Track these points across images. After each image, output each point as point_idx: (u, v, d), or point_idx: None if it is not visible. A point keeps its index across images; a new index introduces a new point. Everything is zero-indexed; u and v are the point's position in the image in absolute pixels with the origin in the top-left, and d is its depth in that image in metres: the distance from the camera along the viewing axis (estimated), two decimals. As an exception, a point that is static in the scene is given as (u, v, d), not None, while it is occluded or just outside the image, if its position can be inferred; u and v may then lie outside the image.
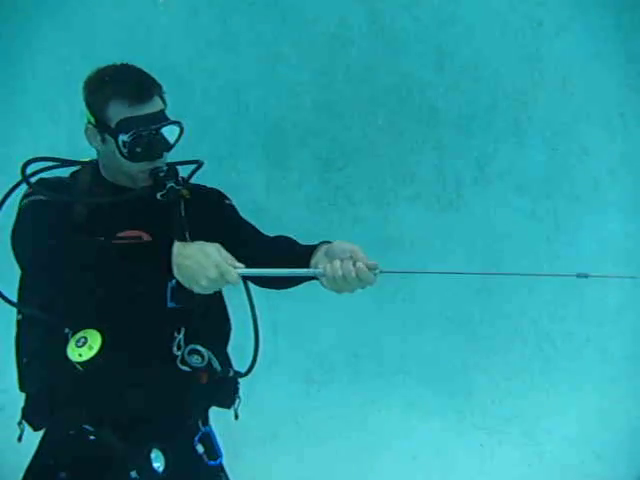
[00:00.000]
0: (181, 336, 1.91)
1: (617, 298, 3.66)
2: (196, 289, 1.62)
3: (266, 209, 3.71)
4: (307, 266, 1.72)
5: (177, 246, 1.65)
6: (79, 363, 1.77)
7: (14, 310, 1.96)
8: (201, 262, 1.59)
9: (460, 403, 3.70)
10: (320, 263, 1.69)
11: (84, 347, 1.78)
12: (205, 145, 3.56)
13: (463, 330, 3.76)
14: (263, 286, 1.95)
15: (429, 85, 3.80)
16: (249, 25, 3.79)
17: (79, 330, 1.81)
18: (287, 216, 3.71)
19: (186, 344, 1.91)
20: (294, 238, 1.96)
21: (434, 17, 3.76)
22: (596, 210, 3.75)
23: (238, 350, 2.12)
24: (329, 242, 1.76)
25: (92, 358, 1.77)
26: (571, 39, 3.70)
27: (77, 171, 2.01)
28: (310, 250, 1.79)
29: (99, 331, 1.80)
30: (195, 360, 1.90)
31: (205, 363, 1.91)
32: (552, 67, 3.75)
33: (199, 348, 1.91)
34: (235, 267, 1.61)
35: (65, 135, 3.55)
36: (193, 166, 2.07)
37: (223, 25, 3.79)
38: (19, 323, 1.96)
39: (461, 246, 3.77)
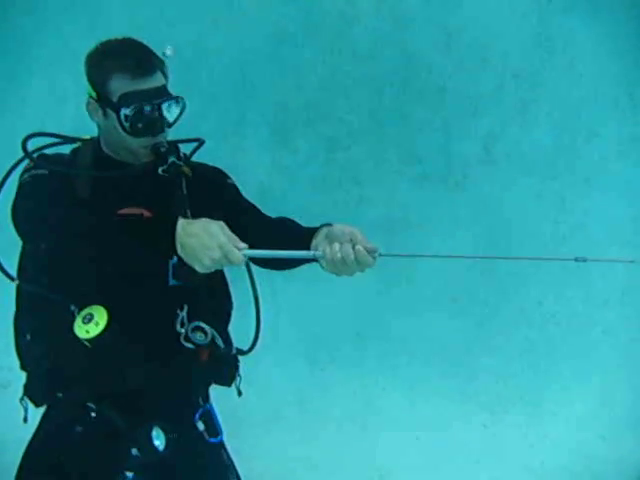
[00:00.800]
0: (184, 313, 1.90)
1: (623, 280, 3.66)
2: (198, 268, 1.61)
3: (271, 189, 3.71)
4: (307, 248, 1.72)
5: (181, 224, 1.62)
6: (87, 340, 1.78)
7: (11, 289, 1.96)
8: (205, 242, 1.57)
9: (464, 384, 3.71)
10: (320, 245, 1.69)
11: (90, 324, 1.78)
12: (210, 124, 3.55)
13: (467, 311, 3.76)
14: (264, 267, 1.95)
15: (436, 65, 3.78)
16: (255, 4, 3.76)
17: (85, 307, 1.81)
18: (292, 196, 3.70)
19: (189, 321, 1.91)
20: (295, 220, 1.96)
21: (441, -4, 3.73)
22: (604, 192, 3.73)
23: (240, 329, 2.13)
24: (330, 225, 1.75)
25: (99, 334, 1.77)
26: (580, 19, 3.67)
27: (77, 148, 2.00)
28: (311, 232, 1.78)
29: (105, 307, 1.81)
30: (199, 337, 1.90)
31: (209, 340, 1.92)
32: (560, 47, 3.72)
33: (203, 325, 1.91)
34: (239, 248, 1.59)
35: (71, 114, 3.53)
36: (194, 145, 2.06)
37: (229, 4, 3.77)
38: (18, 300, 1.96)
39: (467, 227, 3.76)
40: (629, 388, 3.55)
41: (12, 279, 1.93)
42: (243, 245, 1.60)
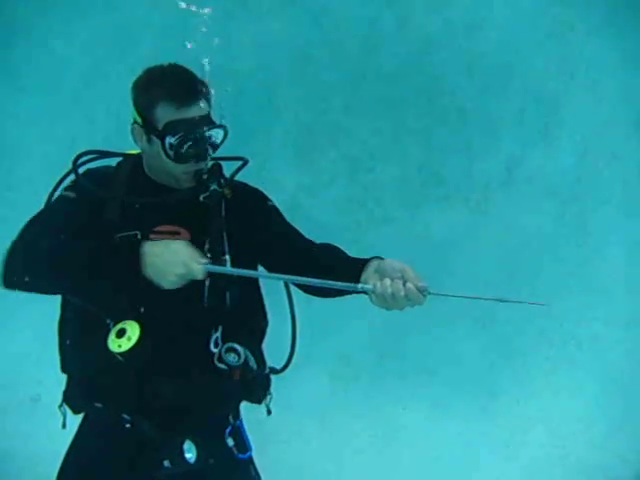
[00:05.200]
0: (218, 334, 1.94)
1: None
2: (164, 284, 1.72)
3: (296, 208, 3.74)
4: (355, 279, 1.74)
5: (146, 245, 1.73)
6: (119, 354, 1.83)
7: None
8: (169, 259, 1.70)
9: (485, 403, 3.71)
10: (370, 279, 1.72)
11: (123, 338, 1.83)
12: (236, 144, 3.60)
13: (489, 331, 3.77)
14: (305, 291, 1.96)
15: (459, 87, 3.82)
16: (282, 27, 3.83)
17: (119, 321, 1.86)
18: (316, 216, 3.73)
19: (224, 342, 1.94)
20: (342, 248, 1.96)
21: (464, 20, 3.78)
22: (625, 214, 3.74)
23: (270, 346, 2.15)
24: (381, 258, 1.78)
25: (130, 349, 1.82)
26: (602, 43, 3.70)
27: (122, 162, 2.04)
28: (361, 264, 1.80)
29: (139, 323, 1.85)
30: (232, 358, 1.93)
31: (242, 361, 1.94)
32: (582, 71, 3.76)
33: (236, 346, 1.94)
34: (200, 263, 1.71)
35: (101, 134, 3.62)
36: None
37: (256, 27, 3.84)
38: (63, 305, 2.02)
39: (489, 248, 3.78)
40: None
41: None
42: (204, 260, 1.73)
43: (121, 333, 1.85)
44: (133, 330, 1.84)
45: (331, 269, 1.79)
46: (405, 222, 3.84)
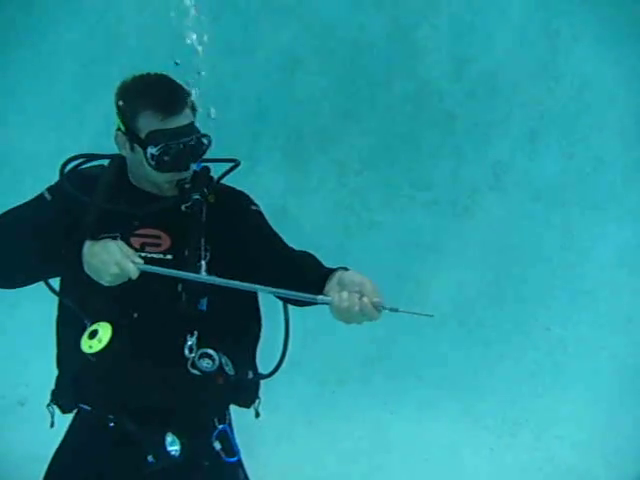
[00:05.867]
0: (194, 339, 1.93)
1: (629, 307, 3.69)
2: (102, 282, 1.78)
3: (284, 212, 3.76)
4: (321, 290, 1.75)
5: (86, 245, 1.79)
6: (89, 354, 1.84)
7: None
8: (104, 259, 1.75)
9: (471, 406, 3.73)
10: (332, 291, 1.73)
11: (94, 339, 1.84)
12: (224, 148, 3.61)
13: (475, 335, 3.79)
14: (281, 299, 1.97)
15: (447, 93, 3.85)
16: (270, 32, 3.85)
17: (94, 322, 1.87)
18: (305, 220, 3.75)
19: (199, 347, 1.93)
20: (316, 256, 1.94)
21: (452, 26, 3.81)
22: (611, 218, 3.78)
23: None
24: (346, 269, 1.78)
25: (100, 351, 1.83)
26: (587, 49, 3.74)
27: (108, 165, 2.03)
28: (327, 274, 1.80)
29: (112, 325, 1.86)
30: (206, 364, 1.91)
31: (216, 367, 1.92)
32: (568, 76, 3.79)
33: (210, 352, 1.92)
34: (135, 262, 1.76)
35: (90, 135, 3.62)
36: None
37: (245, 31, 3.85)
38: (59, 305, 2.04)
39: (475, 252, 3.81)
40: (635, 414, 3.56)
41: (52, 290, 2.02)
42: (139, 260, 1.78)
43: (93, 334, 1.86)
44: (105, 332, 1.85)
45: (302, 278, 1.80)
46: (393, 226, 3.85)
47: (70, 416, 2.06)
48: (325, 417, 3.76)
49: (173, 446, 1.93)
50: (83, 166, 2.03)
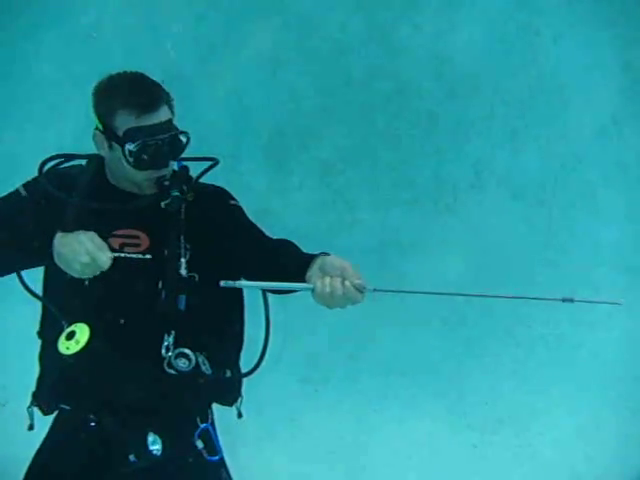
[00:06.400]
0: (171, 339, 1.93)
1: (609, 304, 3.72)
2: (72, 273, 1.78)
3: (267, 211, 3.75)
4: (303, 277, 1.76)
5: (57, 236, 1.80)
6: (66, 356, 1.84)
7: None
8: (74, 249, 1.75)
9: (454, 404, 3.75)
10: (314, 277, 1.74)
11: (72, 341, 1.84)
12: (207, 147, 3.60)
13: (457, 332, 3.81)
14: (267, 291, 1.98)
15: (428, 92, 3.86)
16: (252, 31, 3.85)
17: (72, 323, 1.87)
18: (287, 219, 3.75)
19: (176, 347, 1.93)
20: (295, 243, 1.97)
21: (433, 25, 3.82)
22: (590, 217, 3.81)
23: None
24: (327, 254, 1.80)
25: (78, 352, 1.83)
26: (567, 48, 3.77)
27: (87, 165, 2.04)
28: (308, 261, 1.81)
29: (89, 326, 1.86)
30: (182, 364, 1.92)
31: (192, 367, 1.93)
32: (549, 76, 3.82)
33: (187, 352, 1.93)
34: (106, 253, 1.77)
35: (70, 134, 3.60)
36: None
37: (227, 30, 3.85)
38: (43, 307, 2.05)
39: (457, 250, 3.83)
40: (616, 409, 3.60)
41: (30, 291, 2.01)
42: (110, 253, 1.79)
43: (70, 336, 1.86)
44: (82, 333, 1.85)
45: (284, 267, 1.81)
46: (375, 224, 3.86)
47: (50, 418, 2.06)
48: (308, 415, 3.77)
49: (154, 445, 1.93)
50: (61, 166, 2.03)
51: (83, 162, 2.08)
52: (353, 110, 3.89)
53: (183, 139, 1.92)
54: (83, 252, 1.74)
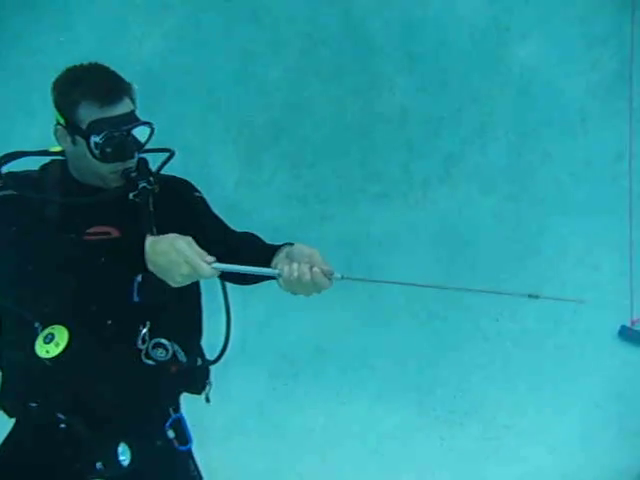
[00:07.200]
0: (146, 330, 1.92)
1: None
2: (172, 284, 1.67)
3: (236, 205, 3.75)
4: (268, 266, 1.75)
5: (149, 242, 1.67)
6: (46, 359, 1.80)
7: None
8: (173, 258, 1.63)
9: (422, 397, 3.78)
10: (280, 264, 1.72)
11: (51, 344, 1.80)
12: (176, 140, 3.57)
13: (426, 326, 3.84)
14: (224, 280, 1.99)
15: (398, 87, 3.88)
16: (222, 23, 3.83)
17: (48, 326, 1.83)
18: (257, 212, 3.75)
19: (152, 338, 1.92)
20: (260, 236, 1.97)
21: (404, 20, 3.85)
22: (558, 212, 3.86)
23: (207, 338, 2.16)
24: (292, 244, 1.79)
25: (59, 355, 1.79)
26: (535, 46, 3.82)
27: (46, 167, 1.99)
28: (273, 250, 1.81)
29: (67, 328, 1.82)
30: (159, 354, 1.91)
31: (169, 356, 1.92)
32: (517, 73, 3.86)
33: (163, 342, 1.92)
34: (207, 262, 1.64)
35: (38, 127, 3.55)
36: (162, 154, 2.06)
37: (196, 22, 3.83)
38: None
39: (427, 244, 3.86)
40: (580, 402, 3.65)
41: None
42: (211, 259, 1.65)
43: (49, 338, 1.82)
44: (61, 335, 1.81)
45: (248, 257, 1.77)
46: (345, 218, 3.88)
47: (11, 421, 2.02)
48: (277, 409, 3.77)
49: (123, 455, 1.91)
50: (9, 164, 1.97)
51: (35, 162, 2.03)
52: (324, 104, 3.89)
53: (148, 130, 1.91)
54: (183, 262, 1.62)
